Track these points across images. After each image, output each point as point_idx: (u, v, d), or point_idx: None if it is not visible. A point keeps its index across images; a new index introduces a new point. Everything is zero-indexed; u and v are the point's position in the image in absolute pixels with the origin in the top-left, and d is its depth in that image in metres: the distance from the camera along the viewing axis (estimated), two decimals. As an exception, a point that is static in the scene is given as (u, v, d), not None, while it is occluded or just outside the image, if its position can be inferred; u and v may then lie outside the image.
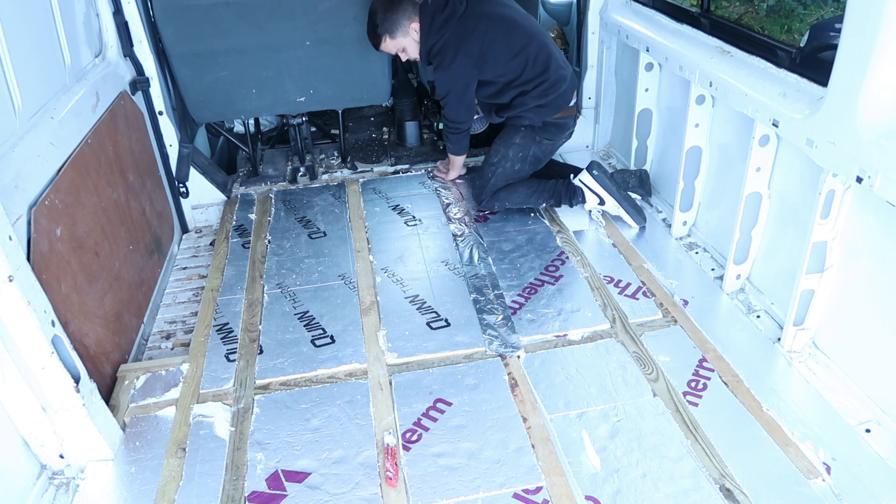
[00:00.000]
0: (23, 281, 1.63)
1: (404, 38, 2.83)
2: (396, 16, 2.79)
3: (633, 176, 3.01)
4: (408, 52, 2.88)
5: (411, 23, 2.80)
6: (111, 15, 2.71)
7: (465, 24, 2.76)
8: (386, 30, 2.80)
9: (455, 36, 2.77)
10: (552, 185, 2.99)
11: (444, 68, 2.82)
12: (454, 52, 2.77)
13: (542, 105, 2.88)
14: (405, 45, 2.86)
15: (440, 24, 2.78)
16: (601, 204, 2.91)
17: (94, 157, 2.28)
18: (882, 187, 1.62)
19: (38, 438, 1.78)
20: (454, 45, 2.77)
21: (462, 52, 2.77)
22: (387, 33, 2.81)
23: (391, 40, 2.83)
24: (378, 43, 2.86)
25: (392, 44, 2.85)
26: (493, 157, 3.01)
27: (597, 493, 1.70)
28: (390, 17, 2.79)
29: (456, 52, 2.77)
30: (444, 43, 2.77)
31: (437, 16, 2.79)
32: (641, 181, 3.01)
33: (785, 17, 8.05)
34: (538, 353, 2.18)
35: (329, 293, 2.54)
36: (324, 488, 1.76)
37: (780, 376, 2.04)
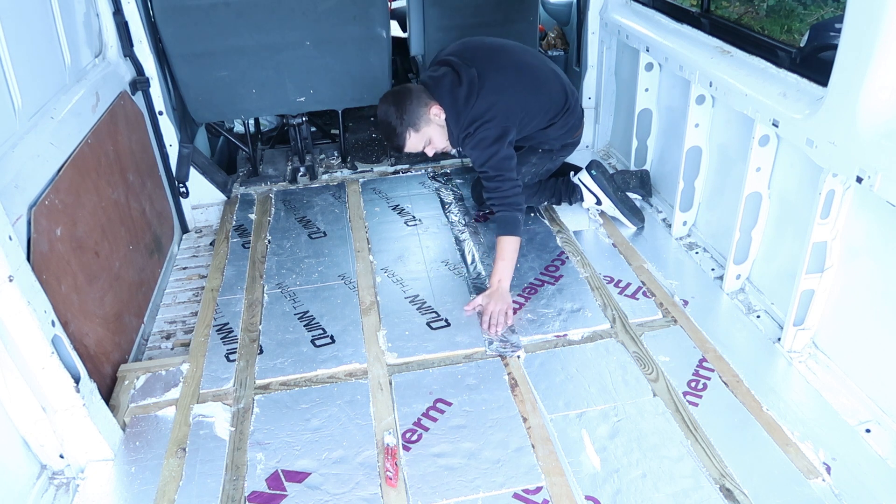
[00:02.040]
0: (23, 281, 1.63)
1: (428, 127, 2.47)
2: (412, 106, 2.44)
3: (633, 177, 3.01)
4: (434, 142, 2.52)
5: (430, 108, 2.45)
6: (111, 15, 2.71)
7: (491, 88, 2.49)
8: (409, 123, 2.43)
9: (487, 98, 2.48)
10: (553, 184, 2.97)
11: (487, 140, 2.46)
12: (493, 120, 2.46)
13: (564, 132, 2.78)
14: (431, 135, 2.49)
15: (465, 96, 2.47)
16: (598, 204, 2.91)
17: (94, 157, 2.28)
18: (882, 187, 1.62)
19: (38, 438, 1.78)
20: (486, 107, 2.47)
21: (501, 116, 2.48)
22: (410, 127, 2.43)
23: (416, 134, 2.46)
24: (402, 143, 2.47)
25: (417, 138, 2.48)
26: None
27: (597, 493, 1.70)
28: (408, 109, 2.43)
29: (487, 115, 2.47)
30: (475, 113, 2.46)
31: (457, 90, 2.48)
32: (642, 182, 3.01)
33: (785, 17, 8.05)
34: (538, 353, 2.18)
35: (329, 293, 2.54)
36: (324, 488, 1.76)
37: (780, 376, 2.04)
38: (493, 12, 3.40)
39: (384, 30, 3.13)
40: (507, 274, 2.41)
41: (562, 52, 3.92)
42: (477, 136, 2.46)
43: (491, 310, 2.30)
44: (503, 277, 2.39)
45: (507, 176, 2.46)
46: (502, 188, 2.46)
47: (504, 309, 2.31)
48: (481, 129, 2.46)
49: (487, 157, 2.47)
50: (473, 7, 3.38)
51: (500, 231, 2.46)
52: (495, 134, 2.46)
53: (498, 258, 2.43)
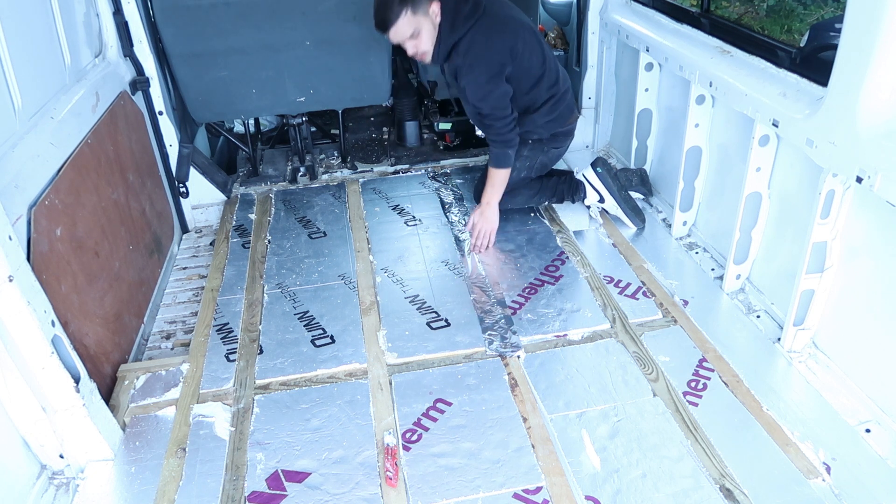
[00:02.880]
0: (23, 281, 1.63)
1: (424, 19, 2.38)
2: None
3: (634, 175, 3.01)
4: (420, 40, 2.43)
5: (431, 4, 2.39)
6: (111, 15, 2.71)
7: (493, 18, 2.46)
8: (410, 2, 2.33)
9: (486, 27, 2.44)
10: (554, 183, 2.97)
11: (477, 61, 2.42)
12: (487, 44, 2.43)
13: (552, 120, 2.80)
14: (421, 29, 2.40)
15: (466, 13, 2.42)
16: (601, 202, 2.90)
17: (94, 157, 2.28)
18: (882, 187, 1.62)
19: (38, 438, 1.78)
20: (486, 36, 2.43)
21: (497, 42, 2.45)
22: (409, 5, 2.33)
23: (412, 17, 2.36)
24: (393, 19, 2.35)
25: (408, 22, 2.37)
26: None
27: (597, 493, 1.70)
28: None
29: (489, 43, 2.44)
30: (473, 35, 2.42)
31: (462, 5, 2.44)
32: (643, 180, 3.01)
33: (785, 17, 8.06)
34: (538, 353, 2.18)
35: (329, 293, 2.54)
36: (324, 488, 1.76)
37: (780, 376, 2.04)
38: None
39: None
40: (495, 197, 2.71)
41: (562, 52, 3.91)
42: (473, 71, 2.42)
43: (479, 228, 2.68)
44: (491, 200, 2.70)
45: (500, 114, 2.50)
46: (495, 126, 2.53)
47: (490, 229, 2.67)
48: (476, 62, 2.40)
49: (482, 94, 2.44)
50: (473, 7, 3.37)
51: (491, 163, 2.68)
52: (490, 70, 2.42)
53: (488, 185, 2.70)
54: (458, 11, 2.42)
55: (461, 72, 2.46)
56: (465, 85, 2.46)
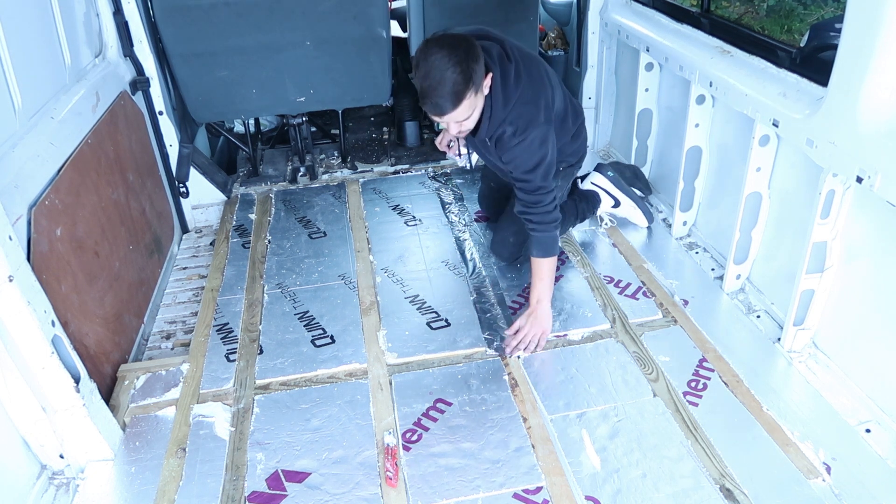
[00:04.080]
0: (23, 281, 1.63)
1: (480, 98, 2.01)
2: (480, 63, 1.94)
3: (627, 169, 2.99)
4: (471, 119, 2.04)
5: (486, 77, 2.00)
6: (111, 15, 2.71)
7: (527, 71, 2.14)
8: (475, 82, 1.92)
9: (527, 87, 2.11)
10: (572, 204, 2.74)
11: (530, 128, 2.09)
12: (536, 105, 2.12)
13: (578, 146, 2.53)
14: (476, 108, 2.01)
15: (514, 80, 2.08)
16: (615, 206, 2.83)
17: (94, 157, 2.28)
18: (882, 187, 1.62)
19: (38, 438, 1.78)
20: (533, 97, 2.11)
21: (540, 100, 2.14)
22: (474, 87, 1.92)
23: (474, 98, 1.96)
24: (457, 103, 1.92)
25: (470, 104, 1.96)
26: None
27: (597, 493, 1.70)
28: (477, 64, 1.92)
29: (537, 104, 2.12)
30: (522, 100, 2.10)
31: (507, 66, 2.09)
32: (636, 175, 3.00)
33: (785, 17, 8.06)
34: (538, 353, 2.18)
35: (329, 293, 2.54)
36: (324, 488, 1.76)
37: (780, 376, 2.04)
38: (493, 12, 3.40)
39: (384, 30, 3.13)
40: (547, 292, 2.24)
41: (562, 52, 3.91)
42: (527, 139, 2.09)
43: (527, 331, 2.18)
44: (542, 298, 2.23)
45: (549, 187, 2.17)
46: (544, 202, 2.17)
47: (540, 333, 2.19)
48: (530, 129, 2.08)
49: (536, 161, 2.11)
50: (473, 7, 3.38)
51: (537, 252, 2.22)
52: (544, 133, 2.11)
53: (535, 279, 2.23)
54: (506, 81, 2.08)
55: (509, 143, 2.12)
56: (518, 154, 2.12)
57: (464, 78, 1.88)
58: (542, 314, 2.22)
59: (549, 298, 2.25)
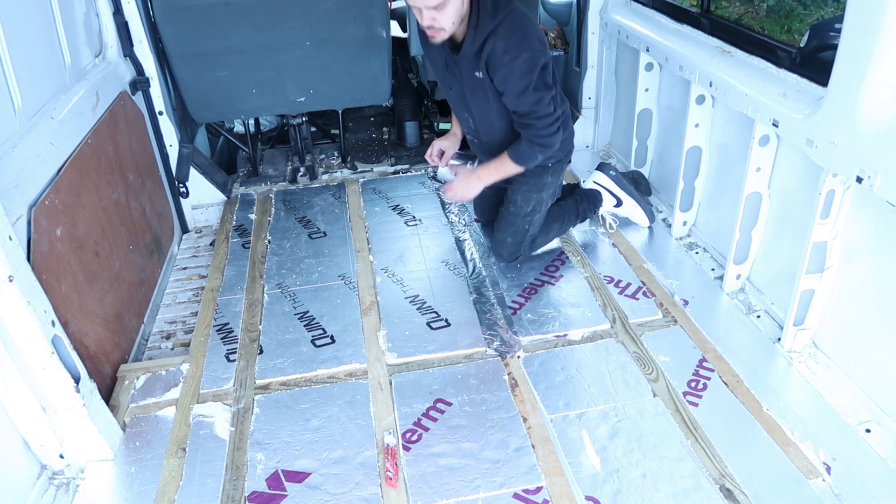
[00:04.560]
0: (23, 281, 1.63)
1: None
2: None
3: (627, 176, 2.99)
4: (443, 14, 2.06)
5: None
6: (111, 15, 2.71)
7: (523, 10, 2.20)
8: None
9: (521, 14, 2.17)
10: (573, 204, 2.76)
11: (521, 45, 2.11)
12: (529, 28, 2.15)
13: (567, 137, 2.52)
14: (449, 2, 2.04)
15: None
16: (618, 206, 2.82)
17: (94, 157, 2.28)
18: (882, 187, 1.62)
19: (38, 438, 1.78)
20: (525, 21, 2.16)
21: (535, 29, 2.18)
22: None
23: None
24: None
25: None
26: (524, 205, 2.52)
27: (597, 493, 1.70)
28: None
29: (531, 28, 2.16)
30: (513, 19, 2.14)
31: None
32: (636, 182, 3.00)
33: (785, 17, 8.06)
34: (538, 353, 2.18)
35: (329, 293, 2.54)
36: (324, 488, 1.76)
37: (780, 376, 2.04)
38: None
39: (384, 30, 3.13)
40: (490, 176, 2.44)
41: (562, 52, 3.91)
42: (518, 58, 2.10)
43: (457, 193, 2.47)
44: (483, 175, 2.44)
45: (542, 112, 2.19)
46: (536, 126, 2.21)
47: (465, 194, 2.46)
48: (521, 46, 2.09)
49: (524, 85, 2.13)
50: (473, 7, 3.37)
51: (512, 154, 2.33)
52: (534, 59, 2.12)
53: (494, 162, 2.41)
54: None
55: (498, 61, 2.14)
56: (508, 74, 2.13)
57: None
58: (472, 183, 2.46)
59: (489, 181, 2.45)
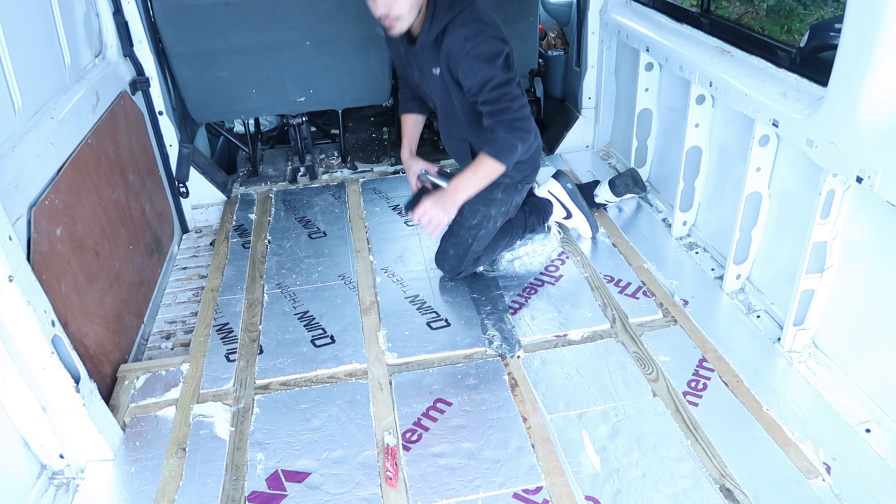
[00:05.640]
0: (23, 281, 1.63)
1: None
2: None
3: (628, 177, 3.00)
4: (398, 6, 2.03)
5: None
6: (111, 15, 2.71)
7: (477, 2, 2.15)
8: None
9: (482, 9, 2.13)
10: (521, 219, 2.66)
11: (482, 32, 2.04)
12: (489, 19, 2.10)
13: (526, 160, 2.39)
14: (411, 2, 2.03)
15: None
16: (566, 218, 2.77)
17: (94, 157, 2.28)
18: (882, 187, 1.62)
19: (38, 438, 1.78)
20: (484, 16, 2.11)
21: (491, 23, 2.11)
22: None
23: None
24: None
25: None
26: (470, 217, 2.42)
27: (597, 493, 1.70)
28: None
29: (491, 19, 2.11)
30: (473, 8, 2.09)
31: None
32: (635, 180, 2.99)
33: (785, 17, 8.07)
34: (538, 353, 2.18)
35: (329, 293, 2.54)
36: (324, 488, 1.76)
37: (780, 376, 2.04)
38: (493, 12, 3.39)
39: (384, 30, 3.12)
40: (469, 188, 2.14)
41: (562, 52, 3.91)
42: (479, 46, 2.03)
43: (428, 210, 2.12)
44: (461, 187, 2.14)
45: (513, 93, 2.06)
46: (511, 108, 2.06)
47: (440, 217, 2.13)
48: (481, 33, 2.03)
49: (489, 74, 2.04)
50: (473, 7, 3.38)
51: (489, 149, 2.10)
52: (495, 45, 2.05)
53: (469, 169, 2.14)
54: None
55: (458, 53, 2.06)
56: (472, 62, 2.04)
57: None
58: (449, 202, 2.15)
59: (467, 195, 2.16)
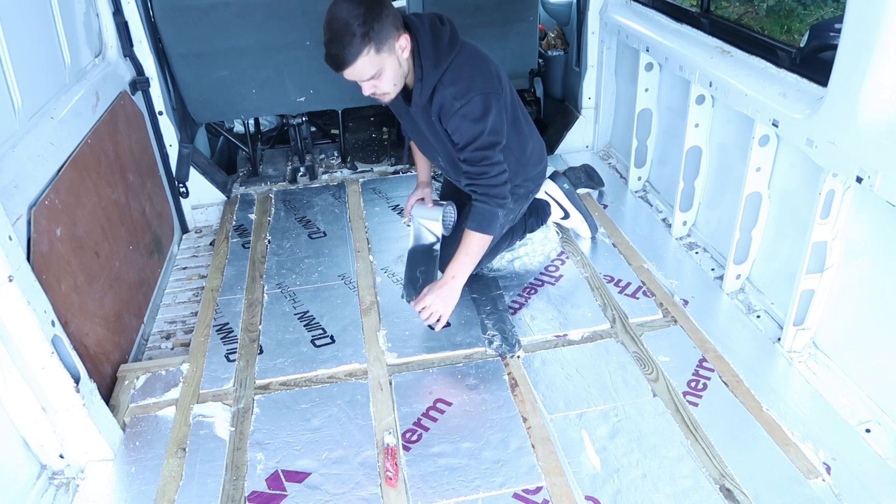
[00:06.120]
0: (23, 281, 1.63)
1: (389, 57, 1.91)
2: (387, 18, 1.86)
3: (582, 172, 2.98)
4: (381, 80, 1.96)
5: (400, 36, 1.91)
6: (111, 15, 2.71)
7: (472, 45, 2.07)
8: (375, 37, 1.84)
9: (469, 53, 2.03)
10: (521, 221, 2.62)
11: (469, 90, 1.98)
12: (477, 69, 2.03)
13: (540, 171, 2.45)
14: (385, 69, 1.92)
15: (448, 41, 1.99)
16: (564, 218, 2.77)
17: (94, 157, 2.28)
18: (882, 187, 1.62)
19: (38, 438, 1.78)
20: (473, 60, 2.03)
21: (484, 67, 2.05)
22: (373, 42, 1.84)
23: (374, 56, 1.87)
24: (352, 58, 1.86)
25: (371, 63, 1.88)
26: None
27: (597, 493, 1.70)
28: (381, 20, 1.84)
29: (479, 69, 2.03)
30: (459, 62, 2.01)
31: (440, 29, 2.00)
32: (590, 175, 2.97)
33: (785, 17, 8.07)
34: (538, 353, 2.18)
35: (329, 293, 2.54)
36: (324, 488, 1.76)
37: (780, 376, 2.04)
38: (493, 12, 3.40)
39: None
40: (465, 270, 2.13)
41: (562, 52, 3.91)
42: (467, 105, 1.98)
43: (429, 304, 2.10)
44: (458, 274, 2.12)
45: (494, 159, 2.06)
46: (489, 174, 2.07)
47: (442, 311, 2.11)
48: (469, 91, 1.97)
49: (476, 132, 2.01)
50: (473, 7, 3.37)
51: (472, 224, 2.10)
52: (487, 101, 1.99)
53: (461, 251, 2.11)
54: (437, 42, 1.98)
55: (448, 110, 2.01)
56: (460, 121, 2.01)
57: (361, 33, 1.81)
58: (449, 292, 2.12)
59: (466, 277, 2.14)
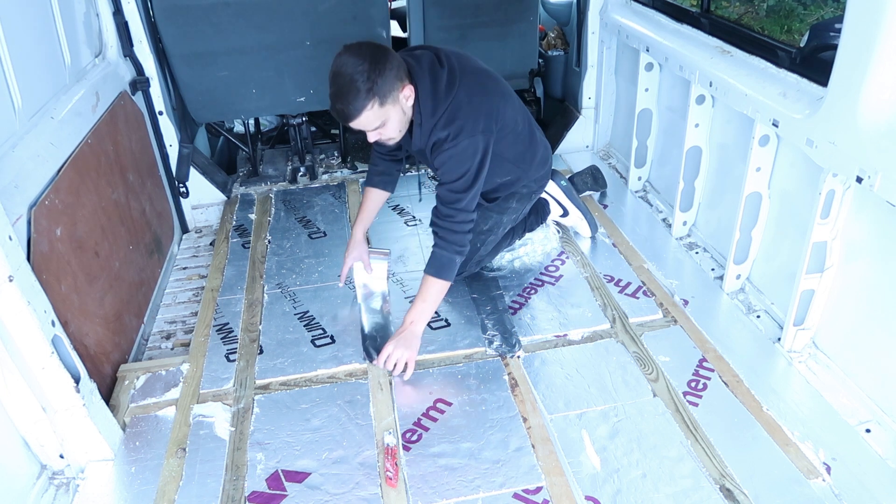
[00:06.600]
0: (23, 281, 1.63)
1: (393, 108, 1.95)
2: (390, 73, 1.90)
3: (588, 176, 2.98)
4: (387, 128, 2.01)
5: (403, 87, 1.96)
6: (111, 15, 2.71)
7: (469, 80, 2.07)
8: (378, 92, 1.88)
9: (466, 94, 2.03)
10: (521, 222, 2.65)
11: (462, 132, 2.01)
12: (471, 112, 2.03)
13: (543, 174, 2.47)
14: (389, 119, 1.97)
15: (446, 86, 2.01)
16: (563, 216, 2.78)
17: (94, 157, 2.28)
18: (882, 187, 1.62)
19: (38, 438, 1.78)
20: (468, 103, 2.03)
21: (481, 105, 2.05)
22: (377, 97, 1.88)
23: (379, 109, 1.92)
24: (357, 111, 1.90)
25: (376, 114, 1.93)
26: (483, 222, 2.38)
27: (597, 493, 1.70)
28: (384, 74, 1.88)
29: (473, 110, 2.04)
30: (455, 105, 2.02)
31: (439, 72, 2.02)
32: (595, 178, 2.97)
33: (785, 17, 8.07)
34: (538, 353, 2.18)
35: (329, 293, 2.54)
36: (324, 488, 1.76)
37: (780, 376, 2.04)
38: (493, 12, 3.40)
39: (384, 30, 3.13)
40: (424, 317, 2.13)
41: (562, 52, 3.91)
42: (457, 146, 2.02)
43: (391, 352, 2.07)
44: (417, 320, 2.11)
45: (464, 205, 2.07)
46: (454, 218, 2.08)
47: (406, 356, 2.07)
48: (462, 133, 2.01)
49: (462, 172, 2.04)
50: (473, 7, 3.38)
51: (431, 270, 2.11)
52: (475, 144, 2.03)
53: (419, 298, 2.12)
54: (436, 88, 2.01)
55: (438, 148, 2.05)
56: (446, 160, 2.04)
57: (366, 89, 1.85)
58: (410, 338, 2.10)
59: (425, 323, 2.14)
